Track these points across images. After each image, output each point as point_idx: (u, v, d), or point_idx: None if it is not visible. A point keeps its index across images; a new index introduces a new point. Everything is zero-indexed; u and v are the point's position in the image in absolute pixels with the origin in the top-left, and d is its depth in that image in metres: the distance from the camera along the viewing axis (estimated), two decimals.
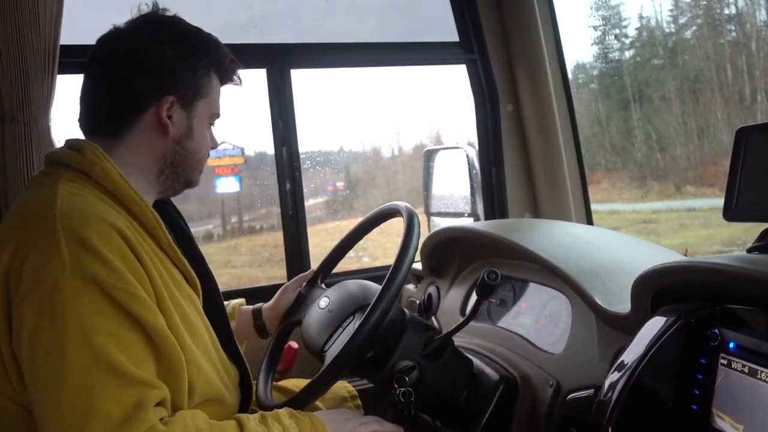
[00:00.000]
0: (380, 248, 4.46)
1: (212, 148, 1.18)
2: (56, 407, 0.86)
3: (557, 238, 1.44)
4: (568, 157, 2.11)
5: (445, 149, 2.08)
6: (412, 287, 1.82)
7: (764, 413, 0.82)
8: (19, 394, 0.93)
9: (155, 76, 1.07)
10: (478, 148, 2.16)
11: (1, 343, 0.92)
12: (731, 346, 0.88)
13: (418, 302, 1.72)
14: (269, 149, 1.98)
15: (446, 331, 1.20)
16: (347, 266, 1.89)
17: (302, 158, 1.94)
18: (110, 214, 0.97)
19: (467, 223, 1.92)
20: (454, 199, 2.01)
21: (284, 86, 1.91)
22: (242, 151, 5.04)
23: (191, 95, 1.10)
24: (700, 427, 0.89)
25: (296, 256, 1.94)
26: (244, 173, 5.19)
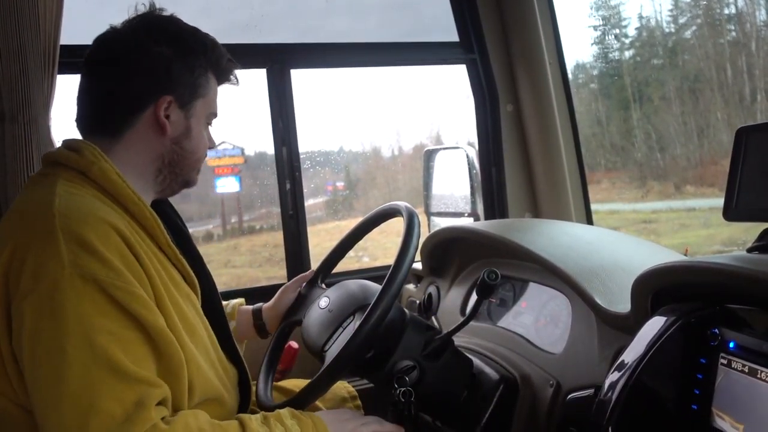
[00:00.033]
0: (380, 248, 4.46)
1: (210, 148, 1.18)
2: (57, 407, 0.86)
3: (557, 237, 1.44)
4: (568, 157, 2.11)
5: (445, 149, 2.08)
6: (412, 287, 1.82)
7: (764, 413, 0.82)
8: (19, 394, 0.93)
9: (153, 75, 1.06)
10: (478, 148, 2.16)
11: (0, 343, 0.92)
12: (731, 345, 0.88)
13: (418, 302, 1.72)
14: (269, 149, 1.98)
15: (446, 330, 1.20)
16: (347, 266, 1.89)
17: (302, 158, 1.94)
18: (109, 213, 0.97)
19: (467, 223, 1.92)
20: (454, 199, 2.01)
21: (284, 86, 1.91)
22: (242, 151, 5.05)
23: (189, 95, 1.10)
24: (700, 426, 0.89)
25: (296, 256, 1.94)
26: (244, 173, 5.19)
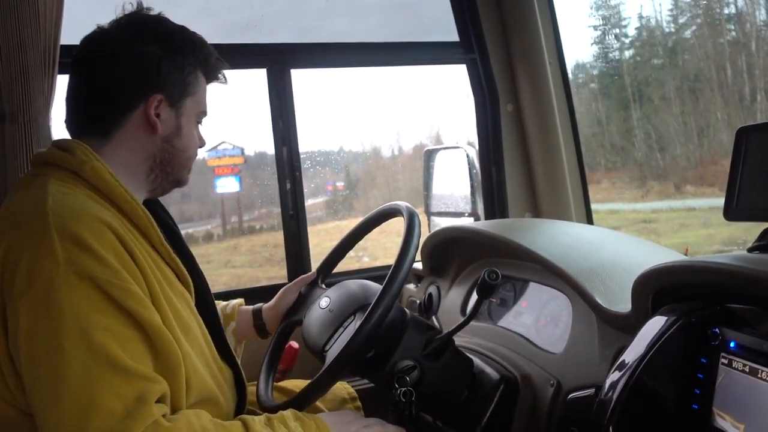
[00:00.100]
0: (380, 248, 4.46)
1: (200, 146, 1.18)
2: (57, 406, 0.85)
3: (557, 237, 1.44)
4: (568, 156, 2.11)
5: (445, 149, 2.08)
6: (412, 287, 1.82)
7: (765, 413, 0.82)
8: (16, 396, 0.92)
9: (142, 74, 1.06)
10: (478, 147, 2.16)
11: None
12: (732, 345, 0.88)
13: (418, 302, 1.72)
14: (269, 149, 1.98)
15: (447, 330, 1.20)
16: (347, 266, 1.89)
17: (302, 158, 1.94)
18: (102, 212, 0.97)
19: (467, 222, 1.92)
20: (454, 198, 2.01)
21: (284, 86, 1.91)
22: (242, 151, 5.05)
23: (179, 93, 1.10)
24: (700, 426, 0.89)
25: (296, 255, 1.94)
26: (244, 173, 5.19)
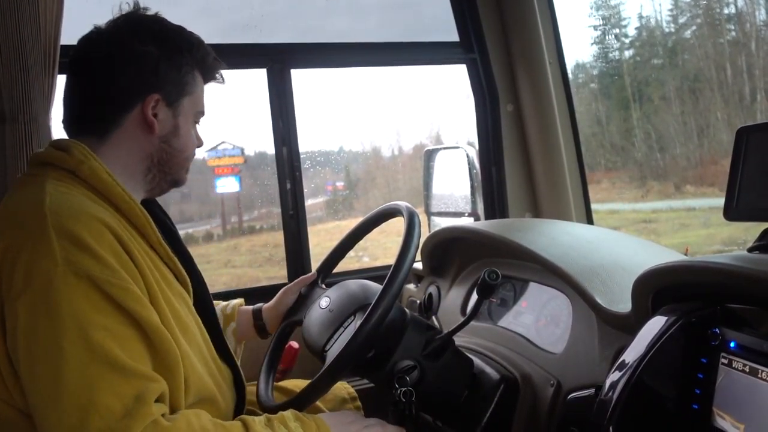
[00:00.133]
0: (380, 248, 4.46)
1: (198, 146, 1.18)
2: (56, 405, 0.85)
3: (558, 237, 1.44)
4: (568, 156, 2.11)
5: (445, 149, 2.08)
6: (412, 287, 1.82)
7: (765, 413, 0.82)
8: (14, 396, 0.92)
9: (140, 74, 1.06)
10: (478, 147, 2.16)
11: None
12: (732, 345, 0.88)
13: (418, 302, 1.72)
14: (269, 149, 1.98)
15: (447, 330, 1.20)
16: (347, 266, 1.89)
17: (302, 158, 1.94)
18: (100, 211, 0.97)
19: (467, 222, 1.92)
20: (454, 198, 2.01)
21: (284, 86, 1.91)
22: (242, 151, 5.05)
23: (176, 93, 1.10)
24: (700, 426, 0.90)
25: (297, 255, 1.94)
26: (244, 173, 5.19)
